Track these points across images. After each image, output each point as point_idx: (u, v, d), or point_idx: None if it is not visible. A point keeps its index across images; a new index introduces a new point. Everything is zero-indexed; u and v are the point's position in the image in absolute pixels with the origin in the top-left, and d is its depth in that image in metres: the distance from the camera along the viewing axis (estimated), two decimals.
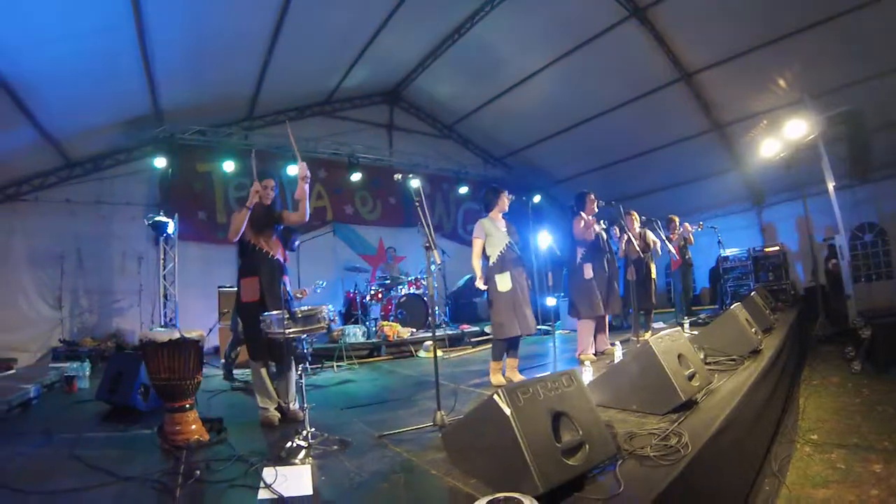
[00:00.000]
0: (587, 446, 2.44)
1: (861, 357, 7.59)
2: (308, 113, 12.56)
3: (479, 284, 5.42)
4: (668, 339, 3.52)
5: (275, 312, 3.66)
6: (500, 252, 5.44)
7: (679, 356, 3.38)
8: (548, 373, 2.78)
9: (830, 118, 8.55)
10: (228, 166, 10.61)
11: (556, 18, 9.95)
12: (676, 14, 9.58)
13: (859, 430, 5.24)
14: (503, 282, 5.33)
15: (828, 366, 8.08)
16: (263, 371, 4.27)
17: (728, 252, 12.01)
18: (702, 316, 8.82)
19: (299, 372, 3.66)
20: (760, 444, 4.35)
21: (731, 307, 5.22)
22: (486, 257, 5.51)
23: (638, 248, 7.65)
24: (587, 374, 4.19)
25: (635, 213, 8.18)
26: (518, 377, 5.28)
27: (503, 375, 5.46)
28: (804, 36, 9.28)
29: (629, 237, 7.51)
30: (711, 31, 9.72)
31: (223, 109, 11.04)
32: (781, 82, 8.89)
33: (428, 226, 4.11)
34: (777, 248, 11.73)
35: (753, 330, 5.12)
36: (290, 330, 3.55)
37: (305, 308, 3.67)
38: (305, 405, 3.54)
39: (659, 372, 3.21)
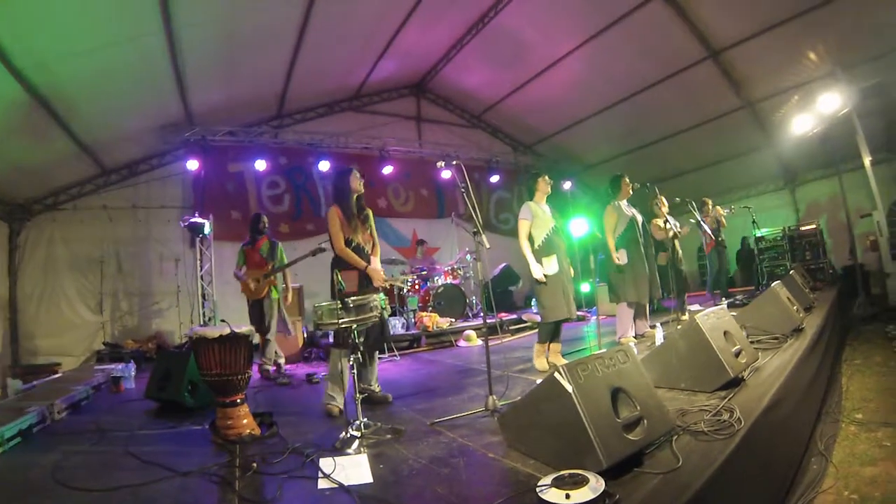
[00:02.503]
0: (646, 421, 2.46)
1: None
2: (337, 108, 12.66)
3: (535, 272, 5.38)
4: (714, 316, 3.52)
5: (325, 303, 3.70)
6: (546, 235, 5.44)
7: (725, 333, 3.38)
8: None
9: (864, 90, 8.37)
10: (260, 165, 10.76)
11: (580, 2, 9.87)
12: None
13: None
14: (550, 265, 5.36)
15: (870, 345, 7.94)
16: (345, 361, 4.24)
17: (763, 231, 11.80)
18: (738, 297, 8.69)
19: (351, 363, 3.70)
20: (806, 422, 4.31)
21: (772, 285, 5.16)
22: (530, 240, 5.49)
23: (679, 232, 7.63)
24: (634, 350, 4.20)
25: (663, 198, 8.08)
26: (561, 361, 5.25)
27: (547, 360, 5.51)
28: (834, 6, 9.02)
29: (661, 222, 7.44)
30: (737, 6, 9.53)
31: (253, 109, 11.19)
32: (812, 55, 8.66)
33: (475, 209, 4.22)
34: (813, 226, 11.46)
35: (795, 308, 5.06)
36: (344, 320, 3.58)
37: (356, 297, 3.72)
38: (358, 395, 3.60)
39: (707, 349, 3.22)
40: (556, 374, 2.44)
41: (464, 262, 11.22)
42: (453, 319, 9.77)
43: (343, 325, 3.60)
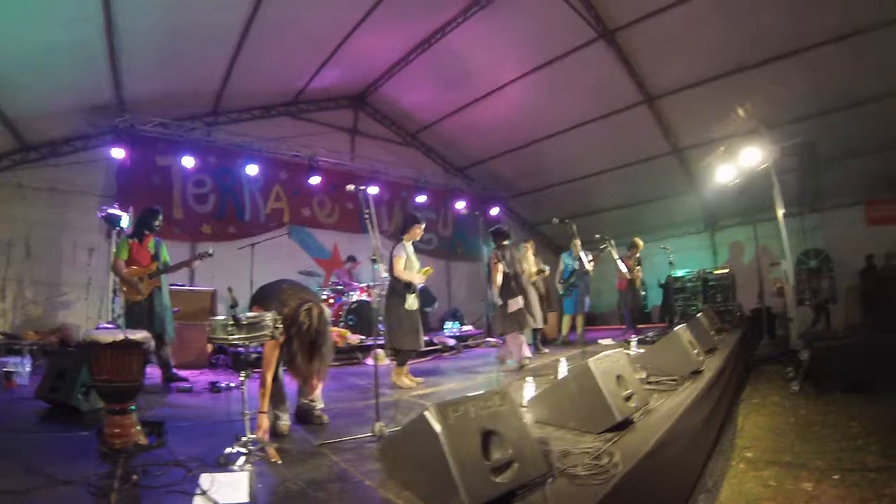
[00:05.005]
0: (517, 464, 2.50)
1: (800, 378, 7.87)
2: (273, 112, 12.48)
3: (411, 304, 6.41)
4: (609, 360, 3.64)
5: (220, 317, 3.61)
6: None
7: (618, 377, 3.50)
8: (481, 392, 2.84)
9: (783, 149, 8.92)
10: (188, 162, 10.44)
11: (527, 34, 10.21)
12: (644, 39, 9.93)
13: (793, 449, 5.41)
14: (412, 302, 6.44)
15: (769, 385, 8.35)
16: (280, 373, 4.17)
17: (679, 272, 12.39)
18: (649, 334, 9.07)
19: (242, 379, 3.61)
20: (697, 460, 4.51)
21: (676, 329, 5.40)
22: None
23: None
24: (530, 389, 4.27)
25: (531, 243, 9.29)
26: (409, 382, 6.31)
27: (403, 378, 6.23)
28: (765, 69, 9.77)
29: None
30: (676, 58, 10.11)
31: (187, 103, 10.90)
32: (740, 111, 9.23)
33: (375, 238, 4.48)
34: (726, 270, 12.15)
35: (696, 351, 5.29)
36: (234, 337, 3.50)
37: (251, 314, 3.64)
38: (247, 411, 3.51)
39: (596, 392, 3.32)
40: (427, 413, 2.47)
41: (380, 279, 11.18)
42: (364, 337, 9.64)
43: (232, 342, 3.51)
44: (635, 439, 3.22)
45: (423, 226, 6.72)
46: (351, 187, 4.62)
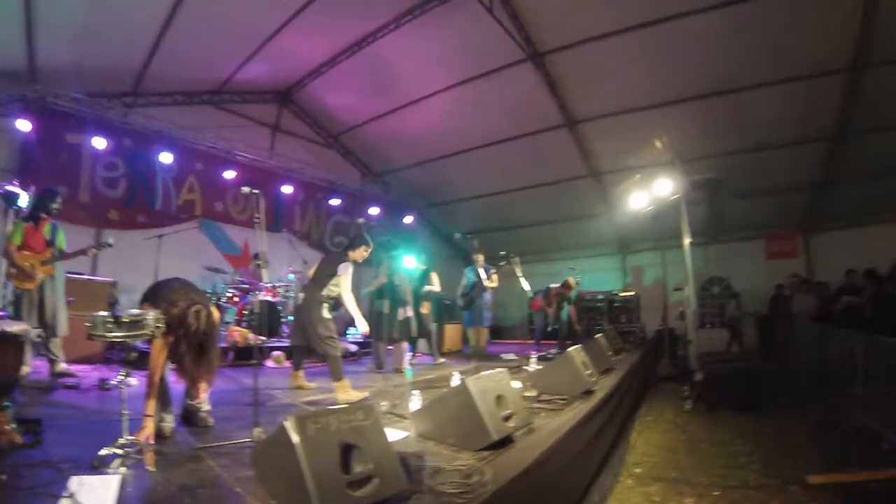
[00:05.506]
0: (377, 480, 2.53)
1: (693, 397, 8.30)
2: (196, 100, 11.98)
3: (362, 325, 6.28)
4: (489, 379, 3.71)
5: (100, 313, 3.47)
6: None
7: (498, 397, 3.58)
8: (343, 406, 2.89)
9: (694, 182, 9.39)
10: (101, 143, 9.90)
11: (457, 48, 10.37)
12: (571, 65, 10.29)
13: (680, 466, 5.74)
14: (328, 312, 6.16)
15: (665, 404, 8.79)
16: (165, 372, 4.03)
17: (586, 293, 12.88)
18: (551, 352, 9.38)
19: (120, 377, 3.50)
20: (584, 477, 4.66)
21: (569, 350, 5.56)
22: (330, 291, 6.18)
23: None
24: (416, 402, 4.33)
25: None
26: (357, 395, 5.69)
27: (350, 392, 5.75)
28: (684, 106, 10.49)
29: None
30: (601, 86, 10.57)
31: (106, 80, 10.28)
32: (657, 144, 9.65)
33: (262, 242, 4.46)
34: (632, 293, 12.75)
35: (589, 372, 5.47)
36: (113, 334, 3.36)
37: (134, 312, 3.53)
38: (125, 411, 3.40)
39: (473, 411, 3.38)
40: (287, 423, 2.47)
41: (286, 281, 11.08)
42: (265, 338, 9.42)
43: (112, 339, 3.39)
44: (512, 458, 3.29)
45: (370, 250, 6.60)
46: (246, 189, 4.54)
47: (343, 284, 6.06)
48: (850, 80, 10.12)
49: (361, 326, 6.17)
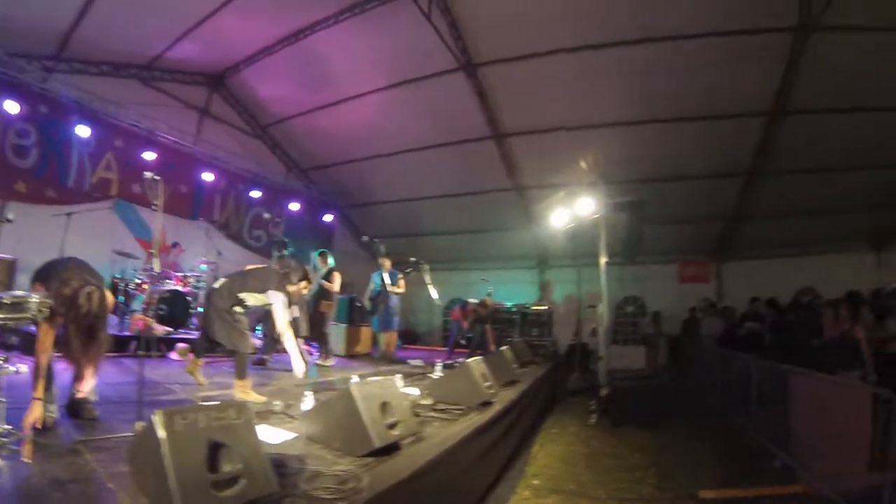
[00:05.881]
0: (245, 481, 2.46)
1: (599, 412, 8.51)
2: (123, 73, 11.26)
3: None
4: (376, 385, 3.69)
5: None
6: None
7: (383, 404, 3.55)
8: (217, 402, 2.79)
9: (614, 204, 9.67)
10: (13, 107, 9.07)
11: (393, 50, 10.35)
12: (504, 79, 10.46)
13: (579, 478, 5.85)
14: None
15: (571, 417, 8.99)
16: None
17: (498, 304, 13.08)
18: (459, 361, 9.50)
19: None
20: (478, 487, 4.68)
21: (468, 361, 5.60)
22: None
23: None
24: (308, 402, 4.27)
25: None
26: (257, 397, 5.32)
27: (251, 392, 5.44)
28: (612, 130, 10.95)
29: None
30: (531, 103, 10.79)
31: (29, 39, 9.48)
32: (582, 164, 9.91)
33: (158, 231, 4.17)
34: (545, 307, 13.06)
35: (488, 384, 5.50)
36: None
37: (16, 294, 3.33)
38: (2, 399, 3.18)
39: (356, 416, 3.35)
40: (155, 417, 2.38)
41: (199, 271, 10.69)
42: (172, 329, 9.08)
43: None
44: (395, 465, 3.26)
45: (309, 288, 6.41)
46: (149, 175, 4.37)
47: (277, 317, 5.67)
48: (768, 124, 10.95)
49: (297, 368, 5.69)
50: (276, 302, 5.61)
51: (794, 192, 12.53)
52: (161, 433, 2.32)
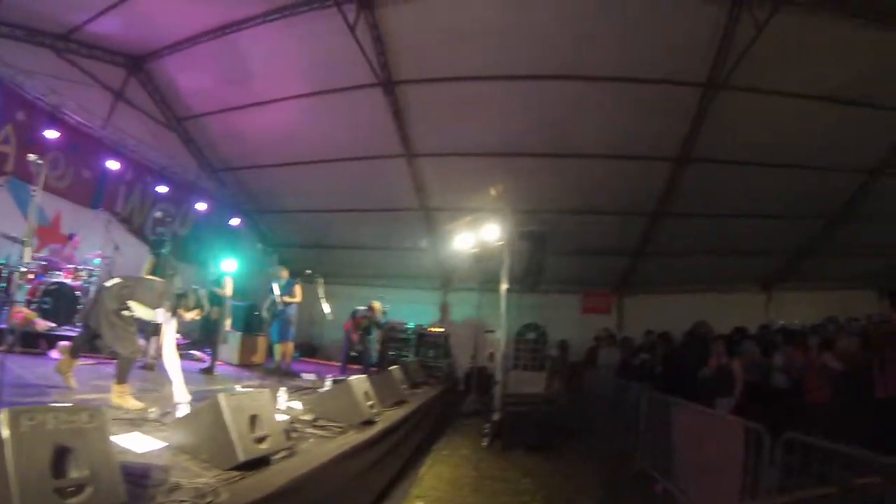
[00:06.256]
0: (91, 489, 2.33)
1: (491, 435, 8.63)
2: (38, 41, 10.07)
3: None
4: (246, 397, 3.61)
5: None
6: None
7: (253, 417, 3.47)
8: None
9: (519, 233, 9.96)
10: None
11: (317, 58, 10.19)
12: (421, 99, 10.54)
13: (464, 501, 5.93)
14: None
15: (464, 439, 9.06)
16: None
17: (396, 322, 13.35)
18: (351, 376, 9.50)
19: None
20: None
21: (350, 379, 5.53)
22: None
23: None
24: (183, 410, 4.16)
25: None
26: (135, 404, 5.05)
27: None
28: (525, 160, 11.34)
29: None
30: (447, 126, 10.96)
31: None
32: (492, 190, 10.16)
33: (31, 221, 4.28)
34: (441, 329, 13.26)
35: (371, 403, 5.48)
36: None
37: None
38: None
39: (223, 428, 3.26)
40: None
41: (91, 265, 10.06)
42: (55, 325, 8.50)
43: None
44: (260, 481, 3.19)
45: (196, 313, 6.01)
46: (33, 157, 4.14)
47: (164, 340, 5.48)
48: (674, 169, 11.74)
49: (179, 395, 5.30)
50: (165, 324, 5.41)
51: (694, 234, 13.57)
52: (5, 433, 2.17)
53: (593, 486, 6.95)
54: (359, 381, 5.55)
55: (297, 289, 10.28)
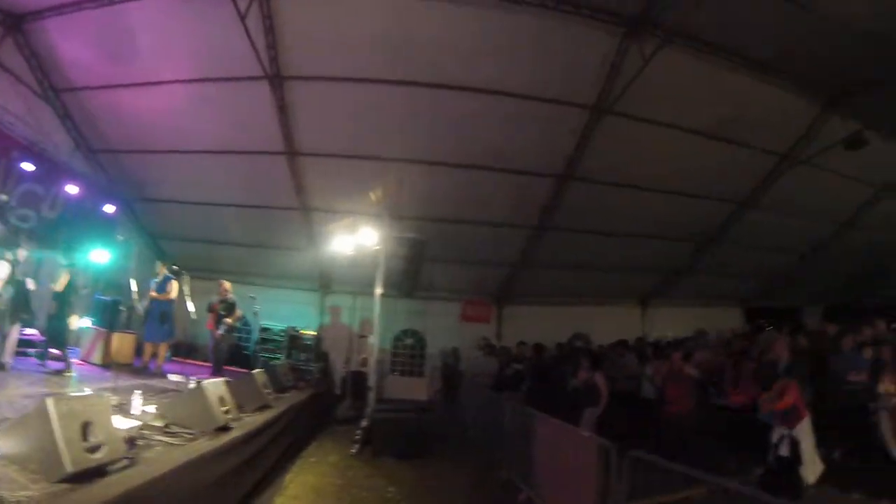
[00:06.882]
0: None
1: (361, 442, 8.55)
2: None
3: None
4: (79, 402, 3.35)
5: None
6: None
7: (85, 423, 3.19)
8: None
9: (399, 239, 10.02)
10: None
11: (207, 43, 9.65)
12: (309, 97, 10.28)
13: None
14: None
15: (335, 446, 8.91)
16: None
17: (268, 324, 13.10)
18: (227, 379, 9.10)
19: None
20: None
21: (203, 384, 5.25)
22: None
23: None
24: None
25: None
26: None
27: None
28: (409, 167, 11.21)
29: None
30: (331, 127, 10.79)
31: None
32: (373, 195, 10.12)
33: None
34: (314, 332, 13.12)
35: (226, 408, 5.23)
36: None
37: None
38: None
39: (50, 437, 2.97)
40: None
41: None
42: None
43: None
44: (92, 494, 2.97)
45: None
46: None
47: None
48: (558, 186, 12.28)
49: None
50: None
51: (574, 249, 14.32)
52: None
53: (459, 495, 7.07)
54: (214, 384, 5.25)
55: (174, 285, 9.73)
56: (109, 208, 12.61)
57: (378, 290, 9.89)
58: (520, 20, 8.68)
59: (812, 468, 6.06)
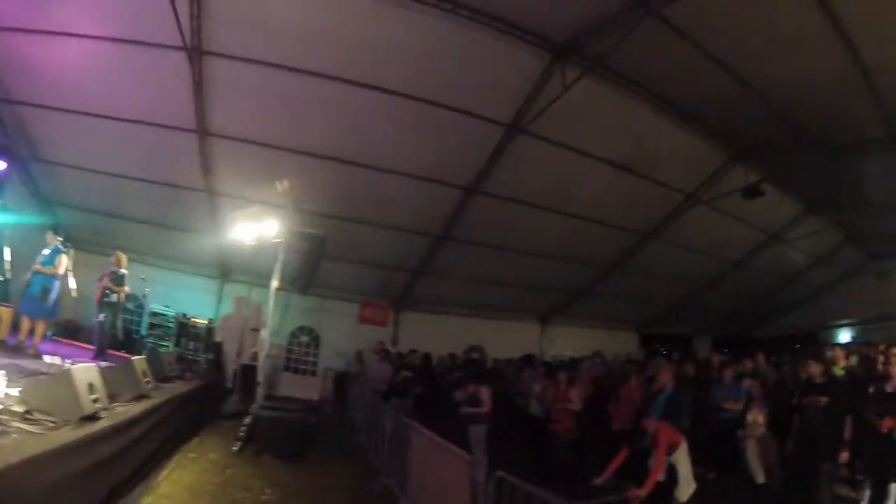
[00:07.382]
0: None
1: (243, 440, 8.25)
2: None
3: None
4: None
5: None
6: None
7: None
8: None
9: (297, 233, 9.77)
10: None
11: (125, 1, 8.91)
12: (228, 76, 9.71)
13: None
14: None
15: (218, 442, 8.54)
16: None
17: (161, 308, 12.69)
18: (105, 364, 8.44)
19: None
20: None
21: (70, 368, 4.78)
22: None
23: None
24: None
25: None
26: None
27: None
28: (321, 162, 11.09)
29: None
30: (247, 111, 10.36)
31: None
32: (279, 186, 9.84)
33: None
34: (205, 321, 12.64)
35: (95, 397, 4.68)
36: None
37: None
38: None
39: None
40: None
41: None
42: None
43: None
44: None
45: None
46: None
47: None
48: (464, 198, 12.37)
49: None
50: None
51: (476, 262, 14.57)
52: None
53: (337, 500, 6.98)
54: (84, 369, 4.75)
55: (62, 258, 8.96)
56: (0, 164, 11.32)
57: (274, 283, 9.64)
58: (450, 29, 8.62)
59: (686, 489, 6.48)
